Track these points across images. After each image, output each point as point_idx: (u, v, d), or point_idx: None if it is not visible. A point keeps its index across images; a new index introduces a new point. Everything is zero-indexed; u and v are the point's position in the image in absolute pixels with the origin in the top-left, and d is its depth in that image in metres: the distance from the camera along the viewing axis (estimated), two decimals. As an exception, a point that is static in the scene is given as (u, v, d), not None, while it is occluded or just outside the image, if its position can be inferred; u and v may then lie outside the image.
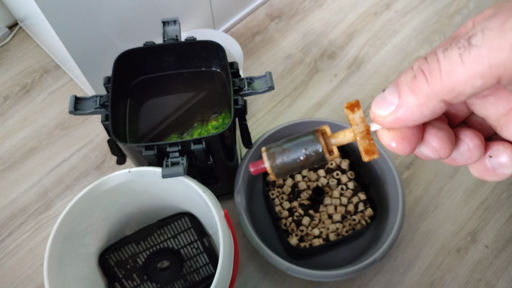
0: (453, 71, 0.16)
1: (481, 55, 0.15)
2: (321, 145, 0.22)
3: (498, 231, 0.79)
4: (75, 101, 0.58)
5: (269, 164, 0.23)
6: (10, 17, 1.06)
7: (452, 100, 0.17)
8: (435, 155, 0.20)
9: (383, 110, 0.19)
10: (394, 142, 0.20)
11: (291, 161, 0.23)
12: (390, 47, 1.02)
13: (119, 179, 0.58)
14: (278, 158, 0.23)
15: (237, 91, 0.60)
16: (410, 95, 0.18)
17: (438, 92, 0.17)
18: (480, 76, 0.15)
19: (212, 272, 0.70)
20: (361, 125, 0.21)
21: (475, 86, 0.16)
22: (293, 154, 0.23)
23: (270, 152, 0.23)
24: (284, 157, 0.23)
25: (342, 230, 0.72)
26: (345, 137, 0.22)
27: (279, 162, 0.23)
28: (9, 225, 0.81)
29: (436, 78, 0.17)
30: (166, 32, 0.66)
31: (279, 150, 0.23)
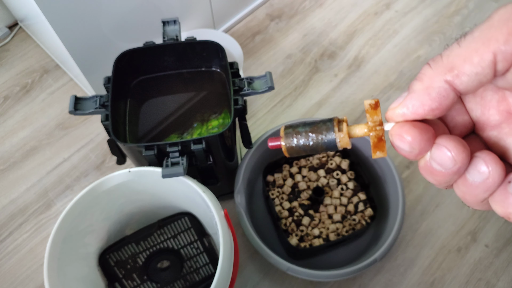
0: (452, 53, 0.18)
1: (474, 36, 0.17)
2: (336, 134, 0.24)
3: (498, 231, 0.79)
4: (75, 101, 0.58)
5: (286, 144, 0.25)
6: (10, 17, 1.06)
7: (454, 80, 0.18)
8: (449, 162, 0.19)
9: (394, 103, 0.21)
10: (402, 142, 0.20)
11: (306, 144, 0.25)
12: (390, 47, 1.02)
13: (119, 179, 0.58)
14: (294, 139, 0.25)
15: (237, 91, 0.60)
16: (417, 82, 0.19)
17: (440, 71, 0.18)
18: (476, 52, 0.17)
19: (212, 272, 0.70)
20: (377, 123, 0.23)
21: (473, 63, 0.17)
22: (309, 138, 0.24)
23: (288, 132, 0.25)
24: (300, 139, 0.25)
25: (342, 230, 0.72)
26: (360, 131, 0.23)
27: (294, 143, 0.25)
28: (9, 225, 0.81)
29: (438, 62, 0.19)
30: (166, 32, 0.66)
31: (297, 132, 0.25)
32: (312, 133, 0.24)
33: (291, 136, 0.25)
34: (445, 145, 0.19)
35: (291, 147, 0.25)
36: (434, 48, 1.01)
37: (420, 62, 0.99)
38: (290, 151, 0.25)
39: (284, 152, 0.25)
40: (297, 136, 0.25)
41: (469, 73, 0.17)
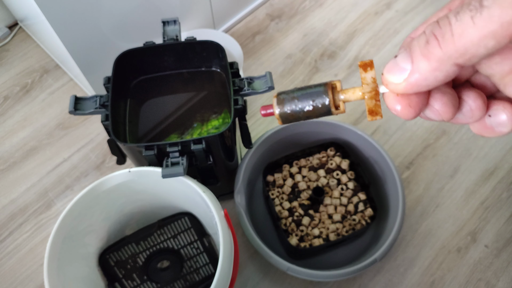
0: (465, 33, 0.16)
1: (492, 14, 0.15)
2: (329, 99, 0.23)
3: (498, 231, 0.79)
4: (75, 101, 0.58)
5: (278, 110, 0.24)
6: (10, 17, 1.06)
7: (465, 63, 0.17)
8: (438, 118, 0.21)
9: (396, 77, 0.19)
10: (400, 106, 0.20)
11: (298, 109, 0.24)
12: (391, 47, 1.02)
13: (119, 179, 0.58)
14: (287, 105, 0.24)
15: (237, 91, 0.60)
16: (423, 60, 0.18)
17: (451, 55, 0.17)
18: (493, 36, 0.15)
19: (212, 272, 0.70)
20: (371, 85, 0.22)
21: (488, 47, 0.16)
22: (301, 103, 0.23)
23: (280, 98, 0.24)
24: (293, 105, 0.24)
25: (342, 230, 0.72)
26: (354, 95, 0.22)
27: (287, 109, 0.24)
28: (9, 225, 0.81)
29: (449, 41, 0.17)
30: (166, 32, 0.66)
31: (289, 98, 0.24)
32: (305, 98, 0.23)
33: (284, 102, 0.24)
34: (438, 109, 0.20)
35: (284, 113, 0.24)
36: (434, 48, 1.01)
37: (420, 62, 0.99)
38: (283, 118, 0.24)
39: (278, 120, 0.24)
40: (289, 102, 0.24)
41: (481, 56, 0.17)
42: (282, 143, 0.77)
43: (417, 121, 0.91)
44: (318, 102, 0.23)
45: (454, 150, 0.88)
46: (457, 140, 0.89)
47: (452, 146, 0.88)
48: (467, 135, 0.89)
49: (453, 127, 0.90)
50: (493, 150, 0.87)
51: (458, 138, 0.89)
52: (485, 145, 0.88)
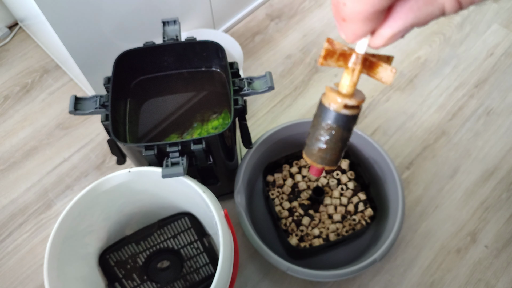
0: None
1: None
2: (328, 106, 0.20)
3: (498, 231, 0.79)
4: (75, 101, 0.58)
5: (311, 159, 0.22)
6: (10, 17, 1.06)
7: None
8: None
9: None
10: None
11: (321, 140, 0.21)
12: (390, 48, 1.02)
13: (119, 179, 0.58)
14: (312, 147, 0.22)
15: (237, 91, 0.60)
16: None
17: None
18: None
19: (212, 272, 0.70)
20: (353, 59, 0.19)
21: None
22: (317, 133, 0.21)
23: (306, 150, 0.22)
24: (314, 142, 0.21)
25: (342, 230, 0.72)
26: (351, 80, 0.20)
27: (315, 149, 0.21)
28: (9, 225, 0.81)
29: None
30: (166, 32, 0.66)
31: (311, 143, 0.22)
32: (314, 127, 0.21)
33: (311, 150, 0.22)
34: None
35: (320, 157, 0.21)
36: (434, 48, 1.02)
37: (420, 63, 0.99)
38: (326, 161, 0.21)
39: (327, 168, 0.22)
40: (311, 143, 0.21)
41: None
42: (282, 143, 0.77)
43: (416, 122, 0.91)
44: (327, 119, 0.20)
45: (453, 150, 0.88)
46: (457, 141, 0.89)
47: (451, 146, 0.88)
48: (466, 136, 0.89)
49: (453, 128, 0.91)
50: (493, 151, 0.87)
51: (457, 138, 0.89)
52: (485, 146, 0.88)
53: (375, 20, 0.17)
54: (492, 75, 0.97)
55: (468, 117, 0.92)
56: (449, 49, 1.01)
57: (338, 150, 0.21)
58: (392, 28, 0.17)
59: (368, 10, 0.16)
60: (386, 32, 0.18)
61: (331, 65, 0.19)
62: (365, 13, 0.16)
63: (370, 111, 0.93)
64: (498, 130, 0.90)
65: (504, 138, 0.89)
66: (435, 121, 0.91)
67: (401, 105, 0.94)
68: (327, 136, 0.21)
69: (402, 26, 0.17)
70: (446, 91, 0.95)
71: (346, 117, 0.20)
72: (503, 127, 0.90)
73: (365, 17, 0.17)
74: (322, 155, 0.22)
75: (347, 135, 0.21)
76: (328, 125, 0.21)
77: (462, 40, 1.03)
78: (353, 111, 0.20)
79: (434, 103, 0.94)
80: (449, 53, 1.01)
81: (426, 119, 0.92)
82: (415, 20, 0.17)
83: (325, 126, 0.21)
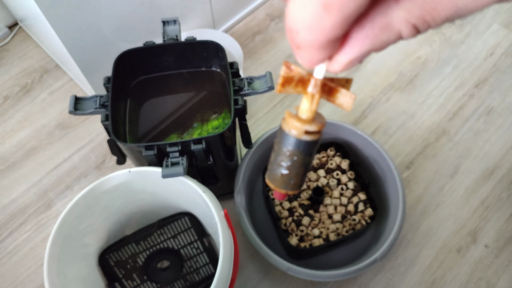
0: None
1: None
2: (288, 132, 0.20)
3: (498, 230, 0.79)
4: (75, 101, 0.58)
5: (275, 184, 0.22)
6: (10, 17, 1.06)
7: None
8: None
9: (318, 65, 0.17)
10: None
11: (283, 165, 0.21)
12: (390, 48, 1.01)
13: (119, 179, 0.58)
14: (274, 171, 0.21)
15: (237, 91, 0.60)
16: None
17: None
18: None
19: (212, 272, 0.70)
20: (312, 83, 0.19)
21: None
22: (280, 159, 0.21)
23: (268, 175, 0.22)
24: (276, 167, 0.21)
25: (342, 230, 0.72)
26: (310, 105, 0.20)
27: (278, 174, 0.21)
28: (9, 225, 0.81)
29: None
30: (166, 32, 0.66)
31: (273, 168, 0.22)
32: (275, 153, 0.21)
33: (273, 175, 0.21)
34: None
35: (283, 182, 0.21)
36: (434, 48, 1.01)
37: (420, 63, 0.99)
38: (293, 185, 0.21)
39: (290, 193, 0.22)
40: (273, 168, 0.21)
41: None
42: (282, 143, 0.77)
43: (417, 121, 0.91)
44: (288, 145, 0.20)
45: (454, 149, 0.88)
46: (457, 140, 0.89)
47: (452, 145, 0.88)
48: (467, 135, 0.89)
49: (453, 127, 0.90)
50: (493, 150, 0.87)
51: (458, 137, 0.89)
52: (485, 145, 0.88)
53: (330, 48, 0.17)
54: (493, 75, 0.97)
55: (468, 117, 0.92)
56: (449, 49, 1.01)
57: (301, 175, 0.21)
58: (348, 55, 0.17)
59: (322, 39, 0.16)
60: (343, 59, 0.17)
61: (289, 92, 0.19)
62: (319, 42, 0.16)
63: (371, 110, 0.93)
64: (498, 129, 0.90)
65: (505, 137, 0.89)
66: (435, 120, 0.91)
67: (401, 105, 0.94)
68: (289, 162, 0.21)
69: (359, 53, 0.17)
70: (446, 91, 0.95)
71: (307, 143, 0.20)
72: (503, 126, 0.90)
73: (319, 46, 0.16)
74: (285, 180, 0.21)
75: (309, 160, 0.21)
76: (289, 151, 0.20)
77: (463, 40, 1.03)
78: (313, 136, 0.20)
79: (435, 103, 0.94)
80: (449, 53, 1.01)
81: (426, 118, 0.92)
82: (371, 47, 0.17)
83: (286, 152, 0.20)
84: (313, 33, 0.15)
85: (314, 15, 0.14)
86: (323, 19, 0.14)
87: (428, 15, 0.15)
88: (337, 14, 0.14)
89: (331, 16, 0.14)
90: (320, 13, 0.14)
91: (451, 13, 0.15)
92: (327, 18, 0.14)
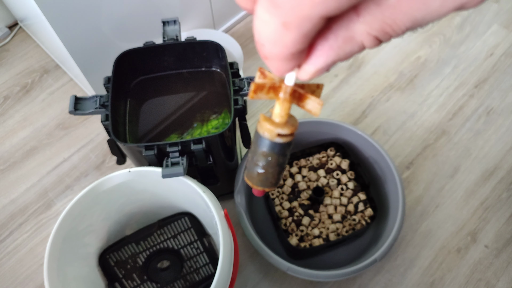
0: None
1: None
2: (262, 134, 0.21)
3: (498, 231, 0.79)
4: (75, 101, 0.58)
5: (252, 183, 0.23)
6: (10, 17, 1.06)
7: None
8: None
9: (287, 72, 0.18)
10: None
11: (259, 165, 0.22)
12: (390, 48, 1.02)
13: (119, 179, 0.58)
14: (252, 170, 0.23)
15: (237, 91, 0.60)
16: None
17: None
18: None
19: (212, 272, 0.70)
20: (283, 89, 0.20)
21: None
22: (256, 159, 0.22)
23: (247, 173, 0.23)
24: (253, 167, 0.22)
25: (342, 230, 0.72)
26: (282, 110, 0.21)
27: (255, 172, 0.23)
28: (9, 225, 0.81)
29: None
30: (166, 32, 0.66)
31: (250, 166, 0.23)
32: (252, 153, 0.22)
33: (251, 174, 0.23)
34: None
35: (260, 180, 0.23)
36: (434, 49, 1.01)
37: (420, 63, 0.99)
38: (267, 183, 0.23)
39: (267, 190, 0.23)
40: (253, 169, 0.23)
41: None
42: (282, 143, 0.77)
43: (417, 121, 0.91)
44: (263, 146, 0.21)
45: (454, 150, 0.88)
46: (457, 140, 0.89)
47: (452, 146, 0.88)
48: (467, 136, 0.89)
49: (453, 127, 0.91)
50: (493, 150, 0.87)
51: (458, 138, 0.89)
52: (485, 145, 0.88)
53: (294, 59, 0.17)
54: (492, 75, 0.97)
55: (468, 117, 0.92)
56: (449, 49, 1.01)
57: (275, 173, 0.23)
58: (315, 65, 0.18)
59: (285, 52, 0.16)
60: (309, 69, 0.18)
61: (262, 98, 0.20)
62: (282, 55, 0.17)
63: (370, 110, 0.93)
64: (498, 130, 0.90)
65: (504, 138, 0.89)
66: (435, 120, 0.91)
67: (401, 105, 0.94)
68: (264, 162, 0.22)
69: (324, 63, 0.18)
70: (446, 91, 0.95)
71: (280, 145, 0.21)
72: (503, 126, 0.90)
73: (284, 58, 0.17)
74: (261, 179, 0.23)
75: (283, 160, 0.22)
76: (264, 152, 0.22)
77: (462, 40, 1.03)
78: (286, 138, 0.21)
79: (435, 103, 0.94)
80: (449, 53, 1.01)
81: (426, 118, 0.92)
82: (336, 57, 0.17)
83: (262, 153, 0.22)
84: (276, 47, 0.16)
85: (276, 32, 0.15)
86: (283, 35, 0.15)
87: (388, 27, 0.16)
88: (296, 31, 0.15)
89: (290, 33, 0.15)
90: (280, 30, 0.15)
91: (410, 24, 0.15)
92: (287, 35, 0.15)
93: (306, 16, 0.14)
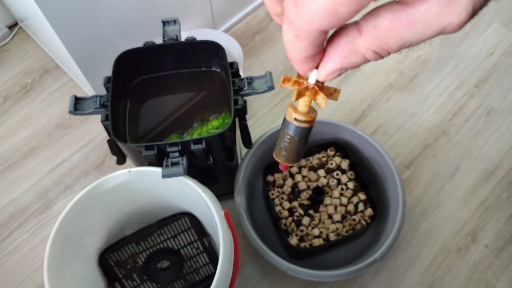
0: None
1: None
2: (287, 118, 0.26)
3: (498, 231, 0.79)
4: (75, 101, 0.58)
5: (278, 158, 0.29)
6: (10, 17, 1.06)
7: None
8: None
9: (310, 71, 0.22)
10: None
11: (285, 144, 0.28)
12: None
13: (119, 179, 0.58)
14: (279, 149, 0.28)
15: (237, 91, 0.60)
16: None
17: None
18: None
19: (212, 272, 0.70)
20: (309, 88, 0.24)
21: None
22: (282, 139, 0.28)
23: (274, 150, 0.29)
24: (280, 145, 0.28)
25: (342, 230, 0.72)
26: (304, 106, 0.25)
27: (280, 150, 0.28)
28: (9, 225, 0.81)
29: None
30: (166, 32, 0.66)
31: (277, 144, 0.29)
32: (280, 134, 0.28)
33: (277, 150, 0.28)
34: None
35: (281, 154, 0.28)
36: (434, 47, 1.01)
37: (420, 62, 0.99)
38: (286, 157, 0.28)
39: (288, 164, 0.29)
40: (278, 145, 0.28)
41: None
42: (282, 143, 0.77)
43: (417, 121, 0.91)
44: (286, 128, 0.26)
45: (454, 150, 0.88)
46: (457, 140, 0.89)
47: (452, 146, 0.88)
48: (467, 135, 0.89)
49: (453, 127, 0.91)
50: (493, 150, 0.87)
51: (458, 138, 0.89)
52: (485, 145, 0.88)
53: (310, 62, 0.21)
54: (493, 75, 0.97)
55: (468, 117, 0.92)
56: (449, 48, 1.01)
57: (297, 151, 0.28)
58: (326, 69, 0.22)
59: (300, 56, 0.21)
60: (322, 71, 0.22)
61: (288, 88, 0.25)
62: (299, 58, 0.21)
63: (371, 110, 0.93)
64: (499, 130, 0.90)
65: (505, 138, 0.89)
66: (435, 120, 0.91)
67: (401, 105, 0.94)
68: (287, 142, 0.28)
69: (333, 68, 0.21)
70: (446, 91, 0.95)
71: (302, 128, 0.26)
72: (503, 126, 0.90)
73: (301, 60, 0.21)
74: (285, 155, 0.28)
75: (303, 142, 0.28)
76: (288, 134, 0.27)
77: (462, 39, 1.03)
78: (306, 124, 0.26)
79: (435, 103, 0.94)
80: (449, 52, 1.01)
81: (426, 118, 0.92)
82: (343, 65, 0.21)
83: (286, 134, 0.27)
84: (294, 52, 0.21)
85: (292, 41, 0.20)
86: (297, 44, 0.20)
87: (384, 44, 0.19)
88: (304, 41, 0.19)
89: (301, 42, 0.20)
90: (295, 40, 0.20)
91: (402, 42, 0.19)
92: (299, 43, 0.20)
93: (309, 30, 0.19)
